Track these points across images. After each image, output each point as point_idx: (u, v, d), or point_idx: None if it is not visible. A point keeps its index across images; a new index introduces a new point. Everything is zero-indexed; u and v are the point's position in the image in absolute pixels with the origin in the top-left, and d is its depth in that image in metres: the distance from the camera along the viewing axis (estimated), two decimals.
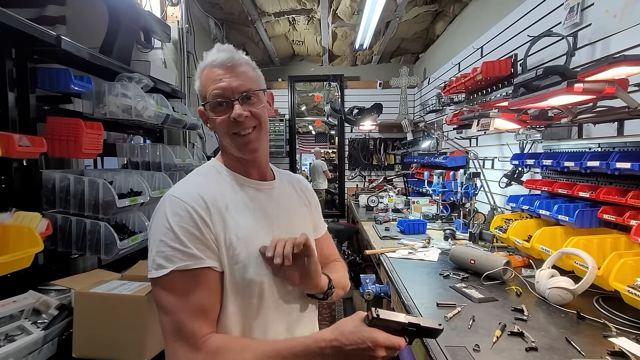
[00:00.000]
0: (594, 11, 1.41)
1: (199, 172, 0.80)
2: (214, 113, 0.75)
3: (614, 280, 1.02)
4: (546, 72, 0.97)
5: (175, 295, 0.65)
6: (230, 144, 0.77)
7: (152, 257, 0.66)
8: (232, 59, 0.75)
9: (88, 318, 1.13)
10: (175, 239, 0.66)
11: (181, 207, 0.68)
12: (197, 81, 0.78)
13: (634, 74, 0.90)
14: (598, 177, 1.34)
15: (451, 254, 1.51)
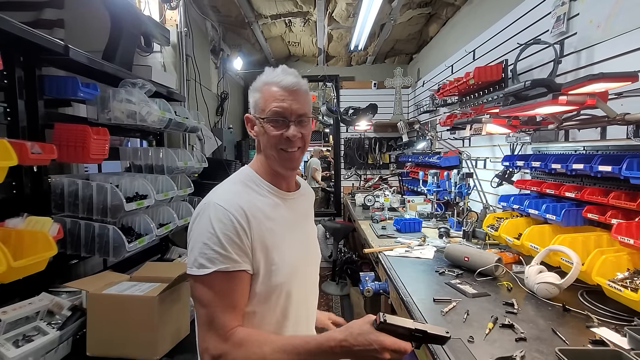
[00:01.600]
0: (579, 21, 1.49)
1: (236, 180, 0.87)
2: (269, 125, 0.83)
3: (596, 275, 1.11)
4: (534, 84, 1.04)
5: (213, 292, 0.74)
6: (275, 157, 0.86)
7: (194, 256, 0.75)
8: (298, 84, 0.85)
9: (101, 318, 1.17)
10: (218, 244, 0.74)
11: (225, 215, 0.76)
12: (255, 93, 0.86)
13: (612, 88, 0.98)
14: (583, 178, 1.43)
15: (446, 252, 1.59)
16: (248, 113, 0.89)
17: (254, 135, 0.89)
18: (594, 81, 0.90)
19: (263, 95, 0.85)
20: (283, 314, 0.84)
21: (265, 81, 0.85)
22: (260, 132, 0.86)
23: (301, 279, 0.89)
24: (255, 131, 0.88)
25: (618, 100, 1.25)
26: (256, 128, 0.87)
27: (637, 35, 1.21)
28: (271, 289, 0.81)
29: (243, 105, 4.45)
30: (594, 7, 1.41)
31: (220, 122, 3.41)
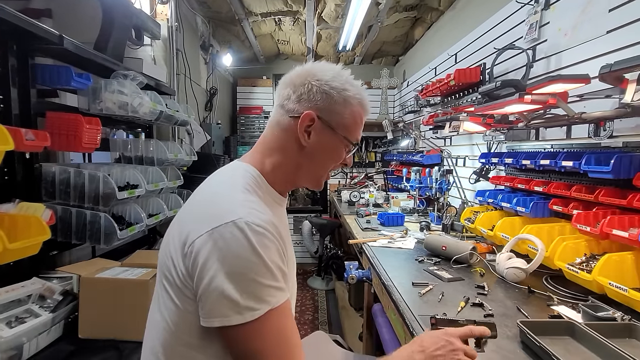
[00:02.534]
0: (549, 29, 1.61)
1: (245, 186, 0.67)
2: (344, 152, 0.74)
3: (558, 260, 1.22)
4: (503, 84, 1.14)
5: (270, 337, 0.57)
6: (318, 177, 0.75)
7: (231, 298, 0.55)
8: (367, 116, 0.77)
9: (93, 301, 1.21)
10: (268, 275, 0.57)
11: (268, 237, 0.58)
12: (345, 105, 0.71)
13: (569, 89, 1.09)
14: (550, 173, 1.55)
15: (425, 242, 1.69)
16: (311, 111, 0.69)
17: (306, 140, 0.70)
18: (553, 82, 1.01)
19: (356, 116, 0.72)
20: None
21: (361, 101, 0.72)
22: (324, 147, 0.71)
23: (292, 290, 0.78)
24: (315, 139, 0.70)
25: (581, 102, 1.38)
26: (320, 138, 0.70)
27: (599, 43, 1.34)
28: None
29: (232, 101, 4.47)
30: (562, 17, 1.54)
31: (209, 117, 3.43)
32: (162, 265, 0.65)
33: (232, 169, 0.73)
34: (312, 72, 0.71)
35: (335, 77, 0.71)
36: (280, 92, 0.74)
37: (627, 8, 1.22)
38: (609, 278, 1.03)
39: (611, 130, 1.27)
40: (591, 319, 0.98)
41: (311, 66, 0.73)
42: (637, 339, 0.90)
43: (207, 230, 0.57)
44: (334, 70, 0.72)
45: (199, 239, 0.57)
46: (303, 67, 0.73)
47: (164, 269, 0.64)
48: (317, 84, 0.70)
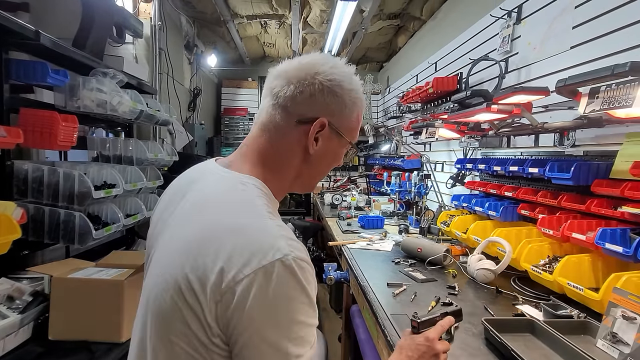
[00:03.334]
0: (520, 42, 1.70)
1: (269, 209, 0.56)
2: (344, 151, 0.68)
3: (523, 261, 1.28)
4: (473, 94, 1.21)
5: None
6: (315, 180, 0.69)
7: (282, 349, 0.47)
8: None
9: (65, 302, 1.19)
10: (313, 314, 0.51)
11: (310, 272, 0.51)
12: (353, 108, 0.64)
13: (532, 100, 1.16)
14: (519, 179, 1.63)
15: (402, 244, 1.73)
16: (324, 117, 0.61)
17: (314, 148, 0.62)
18: (517, 93, 1.08)
19: (359, 118, 0.67)
20: None
21: (363, 104, 0.67)
22: (329, 152, 0.65)
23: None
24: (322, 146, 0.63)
25: (547, 113, 1.46)
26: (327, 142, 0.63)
27: (564, 57, 1.42)
28: None
29: (216, 101, 4.45)
30: (531, 31, 1.63)
31: (193, 118, 3.40)
32: (166, 314, 0.50)
33: (237, 184, 0.58)
34: (317, 67, 0.60)
35: (344, 76, 0.62)
36: (279, 89, 0.61)
37: (589, 26, 1.31)
38: (568, 278, 1.10)
39: (574, 140, 1.35)
40: (551, 317, 1.04)
41: (313, 59, 0.62)
42: (591, 336, 0.96)
43: (250, 272, 0.47)
44: (340, 66, 0.63)
45: (241, 283, 0.46)
46: (305, 61, 0.62)
47: (174, 321, 0.49)
48: (327, 83, 0.60)
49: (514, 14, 1.73)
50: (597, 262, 1.15)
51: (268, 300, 0.47)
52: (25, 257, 1.47)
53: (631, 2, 1.14)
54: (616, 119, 0.96)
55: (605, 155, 1.23)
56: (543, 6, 1.55)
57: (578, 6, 1.36)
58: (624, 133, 1.15)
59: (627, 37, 1.15)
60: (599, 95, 0.81)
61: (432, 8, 2.79)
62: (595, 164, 1.18)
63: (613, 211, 1.08)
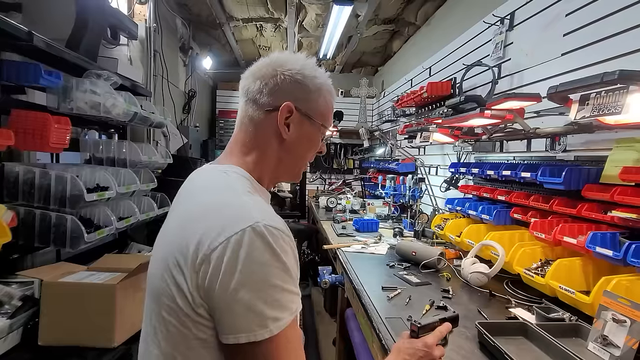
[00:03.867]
0: (513, 48, 1.73)
1: (249, 187, 0.63)
2: (320, 135, 0.72)
3: (516, 265, 1.30)
4: (467, 99, 1.22)
5: (292, 348, 0.53)
6: (298, 167, 0.73)
7: (257, 310, 0.50)
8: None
9: (56, 307, 1.17)
10: (289, 280, 0.54)
11: (285, 240, 0.55)
12: (324, 94, 0.70)
13: (524, 106, 1.18)
14: (512, 183, 1.65)
15: (397, 247, 1.74)
16: (289, 102, 0.66)
17: (287, 133, 0.67)
18: (509, 99, 1.10)
19: (328, 102, 0.71)
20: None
21: (329, 87, 0.72)
22: (303, 137, 0.69)
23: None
24: (294, 130, 0.67)
25: (539, 118, 1.48)
26: (299, 128, 0.68)
27: (555, 64, 1.45)
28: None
29: (211, 104, 4.44)
30: (524, 38, 1.66)
31: (187, 120, 3.39)
32: (158, 292, 0.55)
33: (220, 173, 0.65)
34: (280, 62, 0.67)
35: (304, 66, 0.68)
36: (249, 86, 0.68)
37: (579, 33, 1.34)
38: (559, 282, 1.11)
39: (565, 145, 1.38)
40: (543, 320, 1.05)
41: (277, 57, 0.69)
42: (582, 338, 0.98)
43: (223, 240, 0.51)
44: (301, 59, 0.69)
45: (216, 251, 0.51)
46: (268, 58, 0.69)
47: (163, 297, 0.54)
48: (288, 73, 0.66)
49: (506, 20, 1.75)
50: (588, 266, 1.17)
51: (240, 265, 0.50)
52: (15, 261, 1.44)
53: (620, 11, 1.17)
54: (606, 125, 0.98)
55: (596, 161, 1.25)
56: (535, 13, 1.58)
57: (569, 14, 1.39)
58: (614, 139, 1.18)
59: (616, 45, 1.17)
60: (589, 102, 0.83)
61: (426, 14, 2.83)
62: (585, 169, 1.20)
63: (603, 215, 1.10)
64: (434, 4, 2.70)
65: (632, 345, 0.84)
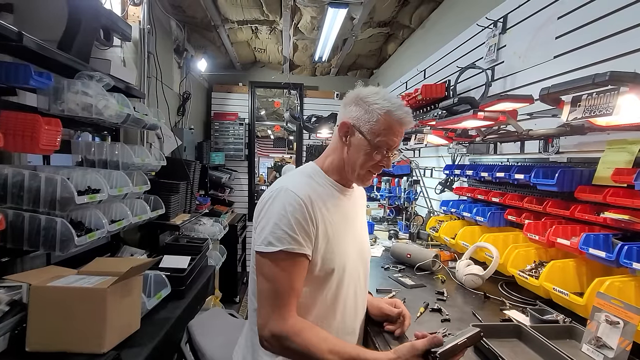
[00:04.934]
0: (506, 51, 1.74)
1: (305, 172, 0.95)
2: (375, 151, 0.88)
3: (510, 266, 1.30)
4: (460, 101, 1.22)
5: (278, 269, 0.80)
6: (358, 173, 0.92)
7: (264, 235, 0.82)
8: (410, 125, 0.91)
9: (44, 312, 1.14)
10: (288, 225, 0.80)
11: (296, 200, 0.82)
12: (373, 114, 0.87)
13: (517, 107, 1.19)
14: (506, 185, 1.65)
15: (392, 249, 1.74)
16: (346, 120, 0.90)
17: (344, 143, 0.91)
18: (502, 101, 1.10)
19: (383, 123, 0.86)
20: (332, 301, 0.89)
21: (390, 111, 0.86)
22: (358, 148, 0.89)
23: (353, 270, 0.94)
24: (351, 142, 0.90)
25: (532, 120, 1.49)
26: (355, 141, 0.89)
27: (547, 66, 1.46)
28: (326, 275, 0.87)
29: (206, 106, 4.41)
30: (516, 41, 1.67)
31: (182, 122, 3.37)
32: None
33: (304, 165, 1.00)
34: (357, 93, 0.92)
35: (370, 95, 0.89)
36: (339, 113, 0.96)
37: (571, 36, 1.35)
38: (553, 283, 1.11)
39: (558, 147, 1.38)
40: (537, 321, 1.05)
41: (360, 89, 0.93)
42: (576, 340, 0.98)
43: (267, 194, 0.88)
44: (373, 90, 0.90)
45: (264, 198, 0.88)
46: (354, 90, 0.94)
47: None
48: (356, 101, 0.90)
49: (499, 23, 1.77)
50: (581, 267, 1.17)
51: (268, 208, 0.85)
52: (4, 265, 1.41)
53: (612, 14, 1.18)
54: (597, 127, 0.99)
55: (588, 162, 1.26)
56: (527, 16, 1.60)
57: (561, 17, 1.40)
58: (605, 140, 1.19)
59: (608, 47, 1.18)
60: (580, 103, 0.83)
61: (421, 17, 2.84)
62: (578, 170, 1.21)
63: (596, 217, 1.11)
64: (429, 7, 2.71)
65: (626, 347, 0.84)
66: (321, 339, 0.77)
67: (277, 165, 7.63)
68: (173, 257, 1.91)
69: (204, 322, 1.46)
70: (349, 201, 0.98)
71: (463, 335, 0.78)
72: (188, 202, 2.68)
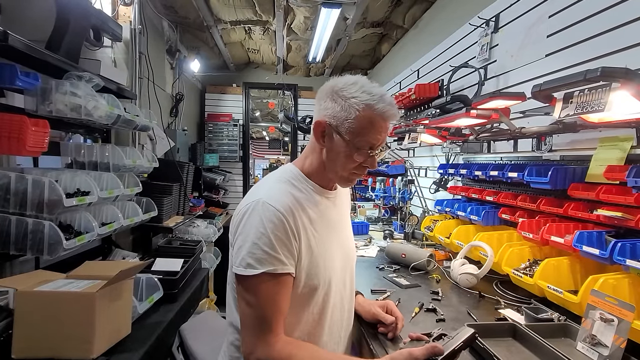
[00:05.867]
0: (498, 50, 1.74)
1: (283, 178, 0.85)
2: (357, 152, 0.79)
3: (505, 265, 1.29)
4: (453, 99, 1.22)
5: (260, 294, 0.73)
6: (341, 176, 0.84)
7: (241, 255, 0.74)
8: (395, 118, 0.81)
9: (31, 318, 1.11)
10: (268, 244, 0.73)
11: (276, 215, 0.74)
12: (351, 110, 0.77)
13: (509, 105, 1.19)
14: (500, 184, 1.65)
15: (386, 250, 1.73)
16: (321, 119, 0.80)
17: (322, 144, 0.82)
18: (494, 98, 1.10)
19: (363, 120, 0.77)
20: (320, 315, 0.84)
21: (369, 104, 0.76)
22: (337, 150, 0.80)
23: (339, 280, 0.89)
24: (330, 144, 0.81)
25: (525, 119, 1.49)
26: (333, 142, 0.80)
27: (540, 65, 1.46)
28: (311, 291, 0.81)
29: (199, 107, 4.38)
30: (509, 40, 1.67)
31: (175, 124, 3.34)
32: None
33: (282, 167, 0.92)
34: (332, 84, 0.82)
35: (347, 86, 0.79)
36: (316, 105, 0.87)
37: (562, 35, 1.36)
38: (547, 282, 1.11)
39: (551, 145, 1.38)
40: (532, 320, 1.05)
41: (335, 80, 0.82)
42: (571, 338, 0.97)
43: (243, 207, 0.79)
44: (350, 81, 0.80)
45: (240, 211, 0.79)
46: (329, 81, 0.84)
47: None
48: (331, 94, 0.80)
49: (491, 22, 1.77)
50: (575, 265, 1.17)
51: (244, 224, 0.77)
52: None
53: (601, 12, 1.19)
54: (590, 124, 0.98)
55: (581, 160, 1.26)
56: (519, 15, 1.60)
57: (552, 15, 1.40)
58: (598, 138, 1.19)
59: (599, 45, 1.19)
60: (572, 100, 0.83)
61: (414, 17, 2.84)
62: (571, 168, 1.21)
63: (589, 214, 1.10)
64: (421, 7, 2.72)
65: (620, 344, 0.83)
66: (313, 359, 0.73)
67: (272, 167, 7.63)
68: (165, 259, 1.88)
69: (197, 326, 1.44)
70: (333, 205, 0.91)
71: (458, 338, 0.75)
72: (181, 204, 2.65)
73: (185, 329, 1.40)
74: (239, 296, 0.77)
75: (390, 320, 0.97)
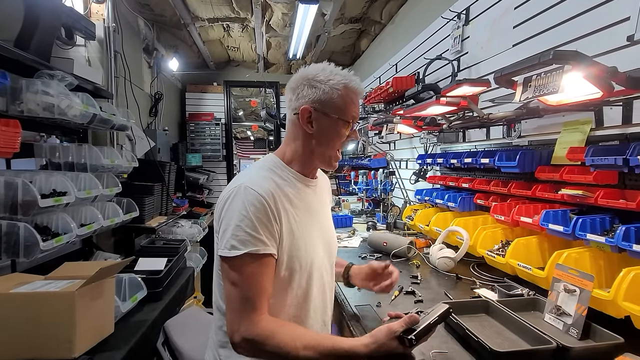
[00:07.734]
0: (470, 42, 1.80)
1: (265, 166, 0.90)
2: (344, 126, 0.87)
3: (479, 247, 1.35)
4: (424, 88, 1.26)
5: (244, 274, 0.77)
6: (329, 156, 0.90)
7: (226, 238, 0.78)
8: (363, 92, 0.92)
9: (8, 320, 1.09)
10: (251, 226, 0.77)
11: (257, 198, 0.78)
12: (333, 91, 0.85)
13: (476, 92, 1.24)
14: (475, 171, 1.71)
15: (368, 239, 1.77)
16: (304, 106, 0.86)
17: (310, 129, 0.87)
18: (461, 85, 1.14)
19: (345, 97, 0.86)
20: (304, 298, 0.87)
21: (346, 84, 0.86)
22: (327, 130, 0.87)
23: (321, 264, 0.92)
24: (318, 126, 0.86)
25: (495, 107, 1.55)
26: (321, 124, 0.86)
27: (507, 55, 1.52)
28: (293, 272, 0.84)
29: (180, 106, 4.32)
30: (478, 32, 1.73)
31: (155, 123, 3.29)
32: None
33: (263, 157, 0.96)
34: (303, 74, 0.89)
35: (319, 73, 0.87)
36: (286, 99, 0.92)
37: (527, 25, 1.42)
38: (518, 260, 1.16)
39: (520, 131, 1.45)
40: (504, 297, 1.10)
41: (303, 70, 0.89)
42: (539, 311, 1.03)
43: (226, 193, 0.83)
44: (320, 67, 0.88)
45: (223, 197, 0.83)
46: (297, 73, 0.90)
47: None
48: (306, 82, 0.87)
49: (462, 15, 1.83)
50: (543, 243, 1.23)
51: (228, 208, 0.80)
52: None
53: (561, 3, 1.25)
54: (551, 107, 1.04)
55: (547, 144, 1.32)
56: (487, 8, 1.66)
57: (517, 7, 1.46)
58: (562, 122, 1.25)
59: (561, 33, 1.25)
60: (531, 83, 0.88)
61: (390, 12, 2.89)
62: (538, 152, 1.27)
63: (554, 194, 1.17)
64: (397, 2, 2.76)
65: (582, 312, 0.89)
66: (295, 337, 0.74)
67: None
68: (148, 259, 1.86)
69: (181, 321, 1.44)
70: (314, 193, 0.96)
71: (434, 313, 0.79)
72: (164, 204, 2.63)
73: (170, 325, 1.40)
74: (224, 279, 0.80)
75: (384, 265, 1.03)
